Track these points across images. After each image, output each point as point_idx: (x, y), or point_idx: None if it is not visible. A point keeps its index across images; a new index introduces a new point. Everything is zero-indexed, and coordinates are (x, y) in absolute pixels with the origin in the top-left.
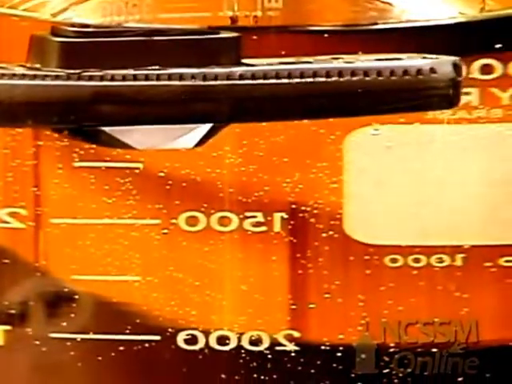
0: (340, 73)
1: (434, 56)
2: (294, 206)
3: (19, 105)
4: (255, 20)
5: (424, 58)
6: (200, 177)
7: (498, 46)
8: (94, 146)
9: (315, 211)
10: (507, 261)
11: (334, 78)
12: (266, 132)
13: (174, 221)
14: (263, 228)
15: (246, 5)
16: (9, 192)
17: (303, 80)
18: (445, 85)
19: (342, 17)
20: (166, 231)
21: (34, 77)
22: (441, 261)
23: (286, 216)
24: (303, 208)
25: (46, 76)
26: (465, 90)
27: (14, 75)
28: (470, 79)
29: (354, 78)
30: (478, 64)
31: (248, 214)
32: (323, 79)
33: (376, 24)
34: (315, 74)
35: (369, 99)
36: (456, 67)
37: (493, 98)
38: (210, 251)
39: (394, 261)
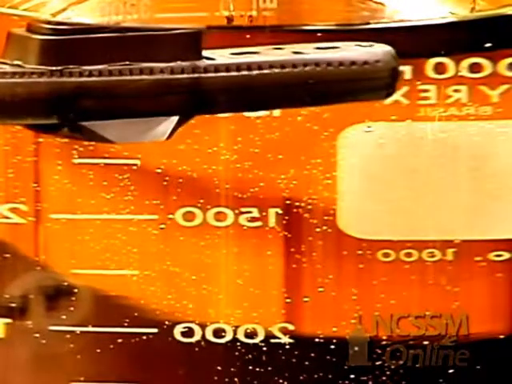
0: (294, 65)
1: (367, 44)
2: (288, 202)
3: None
4: (250, 20)
5: (358, 45)
6: (196, 173)
7: (487, 45)
8: (92, 143)
9: (309, 207)
10: (497, 255)
11: (287, 69)
12: (261, 129)
13: (171, 216)
14: (258, 223)
15: (242, 5)
16: (9, 188)
17: (261, 72)
18: (387, 74)
19: (335, 16)
20: (163, 226)
21: (23, 74)
22: (432, 255)
23: (280, 211)
24: (297, 204)
25: (33, 73)
26: (454, 87)
27: (5, 74)
28: (459, 77)
29: (306, 69)
30: (467, 62)
31: (243, 209)
32: (278, 70)
33: (368, 24)
34: (271, 66)
35: (319, 89)
36: (395, 57)
37: (482, 96)
38: (207, 246)
39: (386, 255)
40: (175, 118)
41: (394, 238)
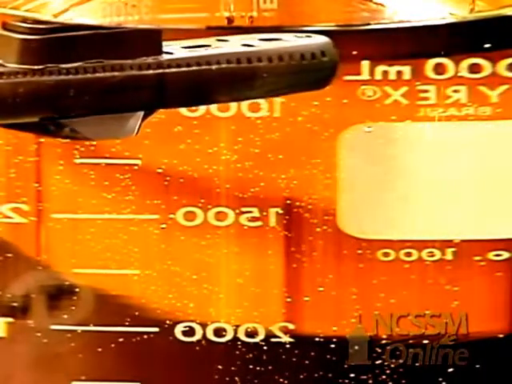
0: (249, 59)
1: (305, 35)
2: (288, 202)
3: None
4: (251, 20)
5: (296, 36)
6: (197, 173)
7: (487, 45)
8: (93, 143)
9: (309, 207)
10: (496, 255)
11: (243, 64)
12: (261, 129)
13: (172, 216)
14: (259, 223)
15: (242, 6)
16: (11, 188)
17: (219, 66)
18: (331, 66)
19: (336, 17)
20: (164, 226)
21: (10, 74)
22: (432, 255)
23: (281, 211)
24: (298, 203)
25: (18, 73)
26: (454, 88)
27: (2, 74)
28: (459, 77)
29: (261, 64)
30: (466, 63)
31: (244, 209)
32: (234, 65)
33: (369, 24)
34: (228, 60)
35: (271, 82)
36: (335, 49)
37: (481, 96)
38: (207, 245)
39: (386, 255)
40: (141, 114)
41: (393, 237)
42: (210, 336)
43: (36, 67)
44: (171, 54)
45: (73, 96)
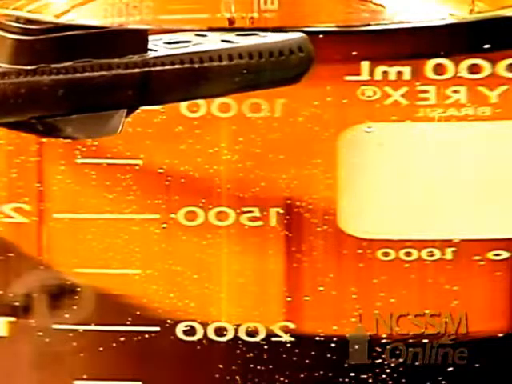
0: (230, 56)
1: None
2: (289, 202)
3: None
4: (252, 21)
5: (272, 32)
6: (198, 173)
7: (486, 46)
8: (95, 143)
9: (310, 206)
10: (495, 254)
11: (224, 62)
12: (262, 129)
13: (173, 216)
14: (259, 223)
15: (243, 6)
16: (13, 188)
17: (202, 65)
18: (307, 62)
19: (336, 18)
20: (165, 226)
21: (4, 75)
22: (431, 254)
23: (281, 211)
24: (298, 203)
25: (12, 74)
26: (454, 88)
27: None
28: (458, 78)
29: (242, 61)
30: (466, 63)
31: (245, 209)
32: (217, 63)
33: (369, 25)
34: (210, 58)
35: (249, 79)
36: (311, 45)
37: (481, 97)
38: (208, 245)
39: (386, 254)
40: (124, 111)
41: (393, 237)
42: (211, 335)
43: (29, 67)
44: (155, 51)
45: (63, 95)
